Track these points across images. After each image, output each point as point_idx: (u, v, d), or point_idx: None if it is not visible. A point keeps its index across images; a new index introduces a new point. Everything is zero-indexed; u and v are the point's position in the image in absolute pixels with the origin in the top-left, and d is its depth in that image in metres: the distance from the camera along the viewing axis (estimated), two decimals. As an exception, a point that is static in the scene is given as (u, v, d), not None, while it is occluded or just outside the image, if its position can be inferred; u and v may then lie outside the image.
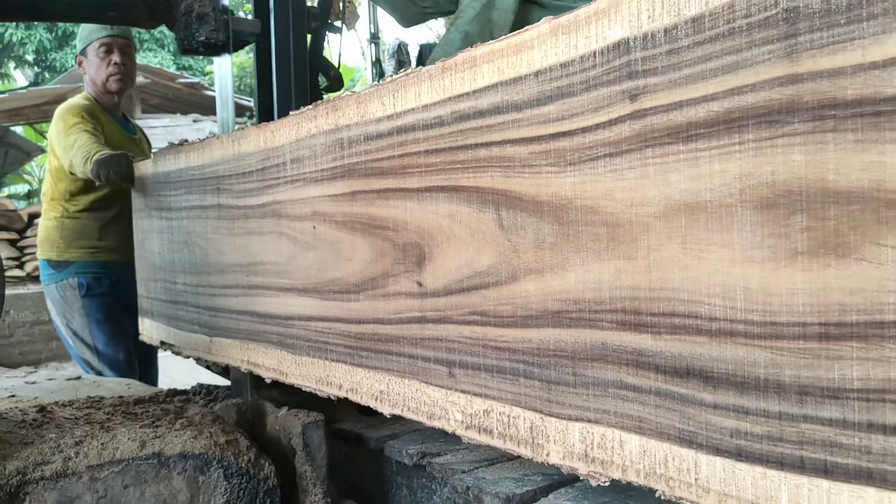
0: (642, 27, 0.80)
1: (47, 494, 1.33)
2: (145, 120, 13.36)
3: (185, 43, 2.12)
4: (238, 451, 1.46)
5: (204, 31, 2.07)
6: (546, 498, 1.34)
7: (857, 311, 0.64)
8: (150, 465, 1.39)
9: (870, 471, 0.65)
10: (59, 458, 1.37)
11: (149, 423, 1.55)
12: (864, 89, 0.63)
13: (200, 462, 1.42)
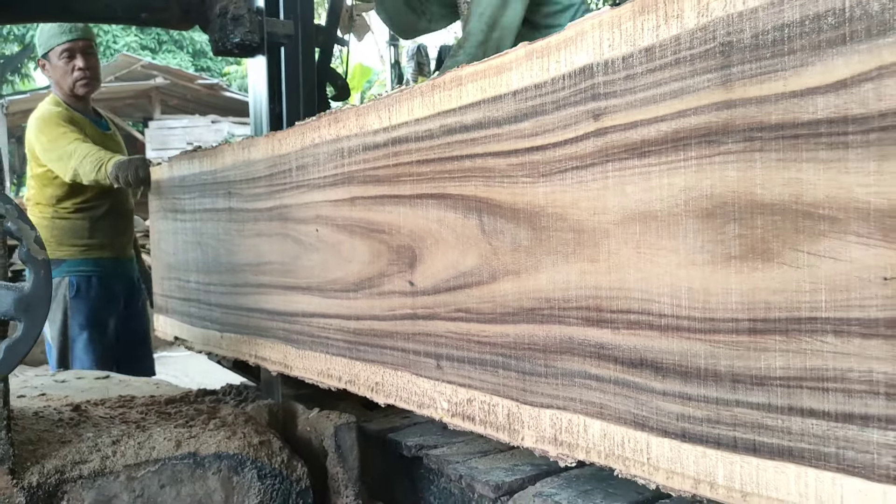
0: (604, 54, 0.89)
1: (85, 493, 1.34)
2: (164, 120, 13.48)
3: (219, 44, 2.12)
4: (271, 452, 1.47)
5: (239, 32, 2.07)
6: (533, 486, 1.43)
7: (780, 308, 0.74)
8: (185, 465, 1.39)
9: (790, 449, 0.74)
10: (96, 457, 1.37)
11: (183, 423, 1.55)
12: (785, 115, 0.72)
13: (235, 462, 1.42)
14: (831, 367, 0.70)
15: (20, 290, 1.15)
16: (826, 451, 0.71)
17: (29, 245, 1.16)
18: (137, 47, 18.56)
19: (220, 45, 2.12)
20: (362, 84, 17.33)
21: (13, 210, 1.15)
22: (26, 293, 1.15)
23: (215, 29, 2.12)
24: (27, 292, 1.15)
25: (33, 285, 1.16)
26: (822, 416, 0.71)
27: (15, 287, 1.15)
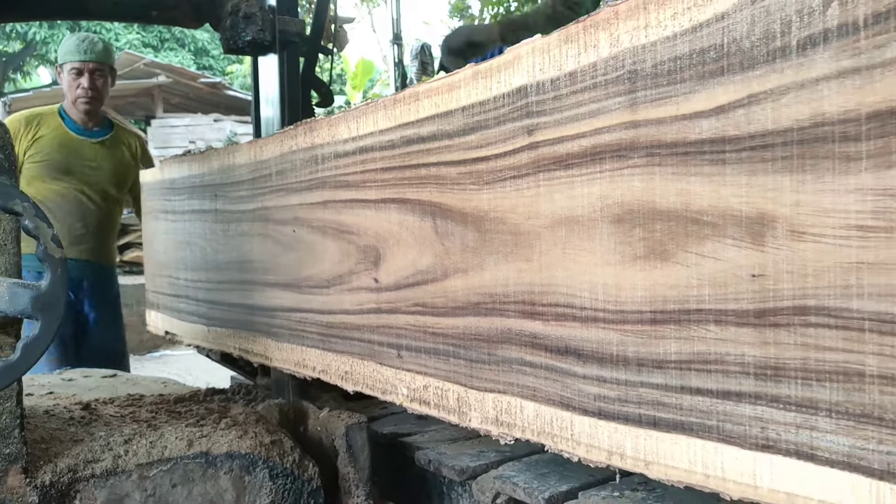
0: (536, 77, 1.01)
1: (97, 492, 1.33)
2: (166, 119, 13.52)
3: (230, 42, 2.11)
4: (283, 452, 1.46)
5: (251, 30, 2.06)
6: (495, 470, 1.54)
7: (674, 301, 0.85)
8: (197, 465, 1.39)
9: (682, 423, 0.85)
10: (108, 456, 1.37)
11: (194, 423, 1.54)
12: (678, 134, 0.83)
13: (246, 462, 1.42)
14: (713, 351, 0.82)
15: (37, 289, 1.13)
16: (710, 424, 0.82)
17: (46, 243, 1.14)
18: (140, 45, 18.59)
19: (232, 44, 2.11)
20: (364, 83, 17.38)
21: (30, 208, 1.13)
22: (43, 291, 1.13)
23: (226, 27, 2.11)
24: (44, 290, 1.13)
25: (50, 283, 1.14)
26: (707, 393, 0.83)
27: (32, 285, 1.14)
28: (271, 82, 2.15)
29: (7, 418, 1.28)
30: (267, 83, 2.17)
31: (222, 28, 2.14)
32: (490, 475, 1.53)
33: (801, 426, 0.74)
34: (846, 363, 0.70)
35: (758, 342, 0.77)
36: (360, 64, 17.34)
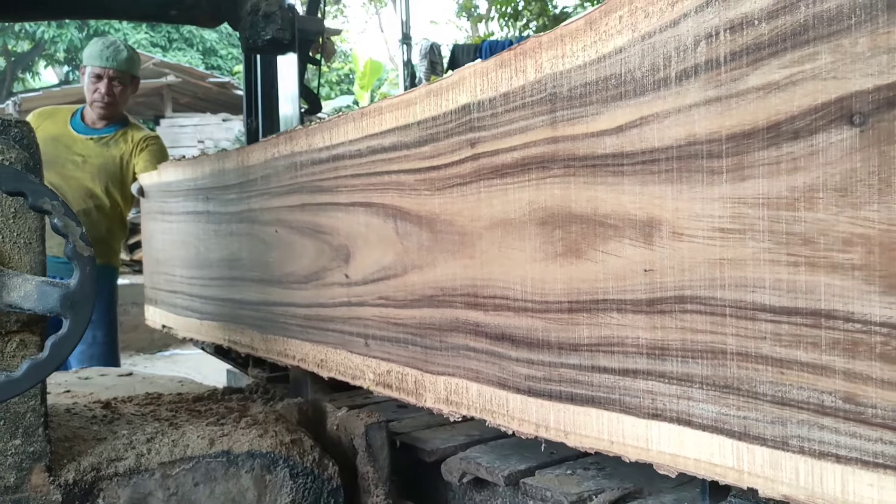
0: (477, 96, 1.14)
1: (121, 491, 1.33)
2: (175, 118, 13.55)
3: (249, 41, 2.15)
4: (303, 451, 1.47)
5: (270, 29, 2.08)
6: (463, 451, 1.68)
7: (586, 293, 0.99)
8: (219, 463, 1.39)
9: (592, 397, 0.99)
10: (131, 454, 1.37)
11: (214, 421, 1.54)
12: (588, 149, 0.97)
13: (267, 461, 1.42)
14: (615, 335, 0.95)
15: (66, 287, 1.13)
16: (613, 398, 0.96)
17: (75, 241, 1.13)
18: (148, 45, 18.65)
19: (251, 43, 2.15)
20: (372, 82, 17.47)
21: (59, 206, 1.12)
22: (72, 290, 1.13)
23: (246, 26, 2.15)
24: (73, 289, 1.13)
25: (79, 282, 1.14)
26: (611, 371, 0.96)
27: (61, 284, 1.14)
28: (290, 80, 2.19)
29: (31, 417, 1.29)
30: (286, 81, 2.21)
31: (242, 27, 2.16)
32: (457, 457, 1.66)
33: (681, 397, 0.88)
34: (713, 343, 0.84)
35: (649, 327, 0.91)
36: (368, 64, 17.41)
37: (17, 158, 1.23)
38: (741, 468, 0.82)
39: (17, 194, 1.10)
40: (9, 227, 1.25)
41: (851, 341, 0.72)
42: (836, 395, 0.73)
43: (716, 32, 0.81)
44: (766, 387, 0.79)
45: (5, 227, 1.25)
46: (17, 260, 1.25)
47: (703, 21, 0.83)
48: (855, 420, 0.72)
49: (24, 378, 1.09)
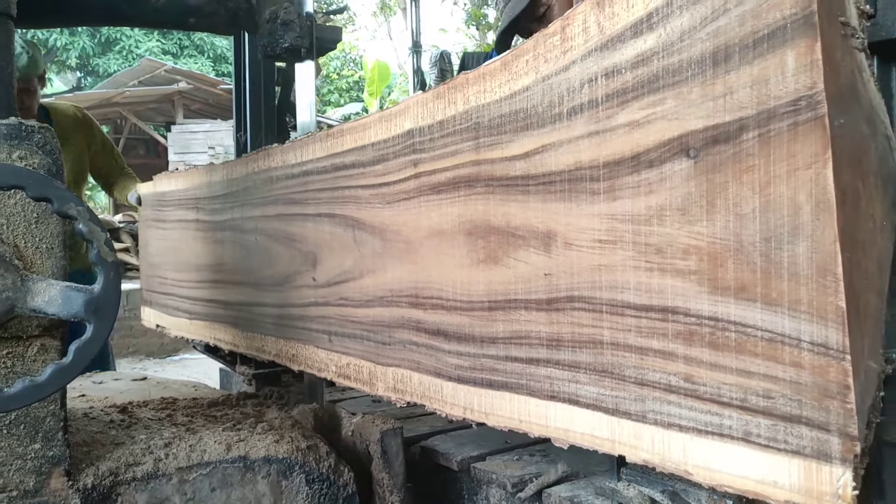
0: (419, 123, 1.32)
1: (138, 496, 1.33)
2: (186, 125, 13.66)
3: (267, 49, 2.14)
4: (318, 457, 1.47)
5: (289, 37, 2.08)
6: (426, 441, 1.84)
7: (501, 294, 1.16)
8: (236, 469, 1.39)
9: (506, 383, 1.16)
10: (149, 459, 1.37)
11: (231, 427, 1.54)
12: (504, 171, 1.14)
13: (284, 467, 1.42)
14: (523, 329, 1.12)
15: (90, 293, 1.13)
16: (521, 383, 1.13)
17: (99, 247, 1.14)
18: (159, 52, 18.80)
19: (269, 50, 2.14)
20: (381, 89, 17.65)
21: (84, 212, 1.13)
22: (96, 295, 1.13)
23: (264, 34, 2.14)
24: (97, 294, 1.13)
25: (103, 287, 1.14)
26: (520, 360, 1.13)
27: (85, 289, 1.14)
28: (307, 88, 2.24)
29: (51, 421, 1.29)
30: (303, 89, 2.25)
31: (259, 35, 2.17)
32: (418, 445, 1.83)
33: (571, 381, 1.04)
34: (593, 335, 1.01)
35: (547, 322, 1.08)
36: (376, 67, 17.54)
37: (40, 164, 1.26)
38: (614, 439, 0.99)
39: (43, 200, 1.11)
40: (31, 232, 1.27)
41: (688, 332, 0.88)
42: (679, 376, 0.90)
43: (595, 78, 0.98)
44: (631, 371, 0.96)
45: (28, 233, 1.27)
46: (40, 265, 1.27)
47: (586, 68, 1.00)
48: (692, 396, 0.89)
49: (47, 382, 1.10)
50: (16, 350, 1.27)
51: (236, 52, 2.70)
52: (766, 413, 0.81)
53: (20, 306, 1.13)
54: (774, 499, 0.81)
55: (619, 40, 0.95)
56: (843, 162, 0.76)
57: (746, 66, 0.81)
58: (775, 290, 0.79)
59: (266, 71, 2.59)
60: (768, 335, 0.80)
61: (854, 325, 0.74)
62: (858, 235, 0.78)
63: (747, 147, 0.81)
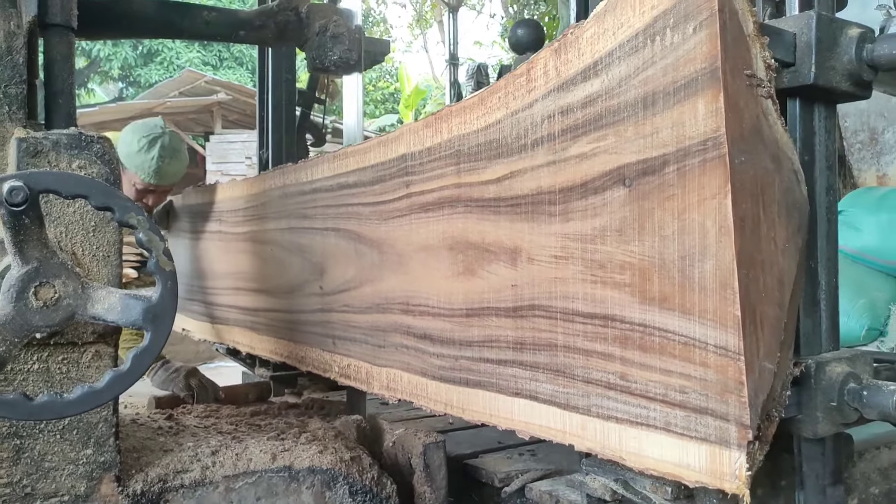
0: (411, 148, 1.47)
1: (186, 503, 1.34)
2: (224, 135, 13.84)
3: (316, 62, 2.18)
4: (362, 469, 1.47)
5: (338, 50, 2.13)
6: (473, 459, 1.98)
7: (477, 302, 1.30)
8: (281, 479, 1.40)
9: (479, 381, 1.30)
10: (197, 466, 1.38)
11: (275, 436, 1.56)
12: (480, 193, 1.29)
13: (328, 477, 1.42)
14: (494, 334, 1.27)
15: (148, 301, 1.14)
16: (492, 382, 1.27)
17: (158, 256, 1.14)
18: (199, 63, 19.06)
19: (318, 63, 2.18)
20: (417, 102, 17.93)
21: (144, 221, 1.14)
22: (154, 303, 1.14)
23: (313, 47, 2.18)
24: (155, 302, 1.14)
25: (161, 296, 1.15)
26: (491, 361, 1.27)
27: (144, 297, 1.15)
28: (355, 99, 2.44)
29: (103, 427, 1.31)
30: (350, 100, 2.47)
31: (308, 47, 2.20)
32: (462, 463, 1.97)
33: (531, 379, 1.19)
34: (550, 339, 1.15)
35: (513, 328, 1.22)
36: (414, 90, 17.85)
37: (99, 173, 1.29)
38: (564, 430, 1.13)
39: (105, 209, 1.12)
40: (89, 240, 1.30)
41: (624, 336, 1.02)
42: (616, 374, 1.04)
43: (553, 114, 1.13)
44: (579, 370, 1.10)
45: (86, 241, 1.30)
46: (97, 272, 1.30)
47: (546, 105, 1.15)
48: (626, 392, 1.02)
49: (105, 389, 1.11)
50: (71, 356, 1.30)
51: (260, 74, 2.89)
52: (681, 406, 0.95)
53: (80, 313, 1.14)
54: (688, 479, 0.95)
55: (572, 83, 1.09)
56: (744, 193, 0.90)
57: (668, 110, 0.95)
58: (689, 300, 0.93)
59: (287, 93, 2.77)
60: (683, 339, 0.94)
61: (749, 332, 0.88)
62: (757, 256, 0.91)
63: (668, 179, 0.95)
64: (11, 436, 1.27)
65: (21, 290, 1.10)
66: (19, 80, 1.30)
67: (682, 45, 0.93)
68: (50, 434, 1.30)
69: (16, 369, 1.27)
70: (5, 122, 1.29)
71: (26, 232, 1.08)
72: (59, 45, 1.46)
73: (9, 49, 1.28)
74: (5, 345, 1.08)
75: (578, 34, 1.09)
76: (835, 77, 1.07)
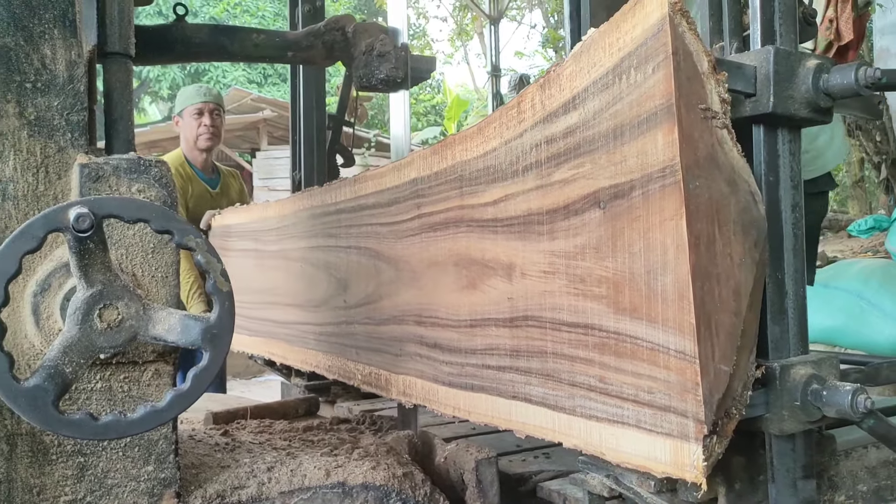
0: (421, 173, 1.61)
1: None
2: (270, 151, 14.19)
3: (363, 80, 2.23)
4: (414, 485, 1.48)
5: (384, 68, 2.16)
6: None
7: (480, 314, 1.43)
8: (335, 495, 1.41)
9: (483, 386, 1.43)
10: (253, 482, 1.40)
11: (328, 452, 1.58)
12: (480, 215, 1.42)
13: (381, 494, 1.43)
14: (494, 343, 1.39)
15: (206, 321, 1.16)
16: (492, 386, 1.39)
17: (216, 277, 1.16)
18: (245, 81, 19.39)
19: (364, 81, 2.23)
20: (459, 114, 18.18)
21: (203, 243, 1.15)
22: (212, 324, 1.16)
23: (360, 66, 2.22)
24: (213, 323, 1.16)
25: (218, 316, 1.17)
26: (492, 367, 1.40)
27: (202, 318, 1.17)
28: (402, 113, 2.43)
29: (163, 444, 1.34)
30: (397, 114, 2.46)
31: (355, 66, 2.25)
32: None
33: (526, 383, 1.31)
34: (541, 346, 1.27)
35: (510, 337, 1.34)
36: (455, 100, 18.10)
37: (157, 196, 1.33)
38: (554, 429, 1.24)
39: (165, 232, 1.14)
40: (148, 261, 1.34)
41: (602, 343, 1.14)
42: (595, 377, 1.15)
43: (539, 143, 1.26)
44: (565, 374, 1.21)
45: (145, 263, 1.33)
46: (156, 293, 1.33)
47: (534, 135, 1.27)
48: (604, 393, 1.14)
49: (167, 408, 1.13)
50: (132, 374, 1.33)
51: (292, 100, 3.07)
52: (650, 405, 1.06)
53: (142, 334, 1.17)
54: (656, 471, 1.06)
55: (555, 115, 1.22)
56: (699, 214, 1.01)
57: (634, 140, 1.07)
58: (654, 310, 1.04)
59: (318, 117, 2.93)
60: (650, 345, 1.05)
61: (704, 337, 0.99)
62: (713, 269, 1.02)
63: (635, 202, 1.07)
64: (75, 453, 1.30)
65: (86, 313, 1.13)
66: (80, 108, 1.34)
67: (644, 84, 1.05)
68: (112, 451, 1.33)
69: (79, 388, 1.30)
70: (68, 148, 1.33)
71: (91, 256, 1.12)
72: (118, 73, 1.49)
73: (70, 78, 1.33)
74: (72, 366, 1.11)
75: (560, 71, 1.21)
76: (793, 105, 1.17)
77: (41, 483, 1.28)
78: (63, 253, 1.25)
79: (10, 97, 1.28)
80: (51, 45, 1.31)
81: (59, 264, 1.27)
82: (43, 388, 1.07)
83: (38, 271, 1.27)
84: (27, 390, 1.06)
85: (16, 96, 1.28)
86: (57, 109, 1.31)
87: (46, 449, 1.29)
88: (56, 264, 1.28)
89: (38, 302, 1.26)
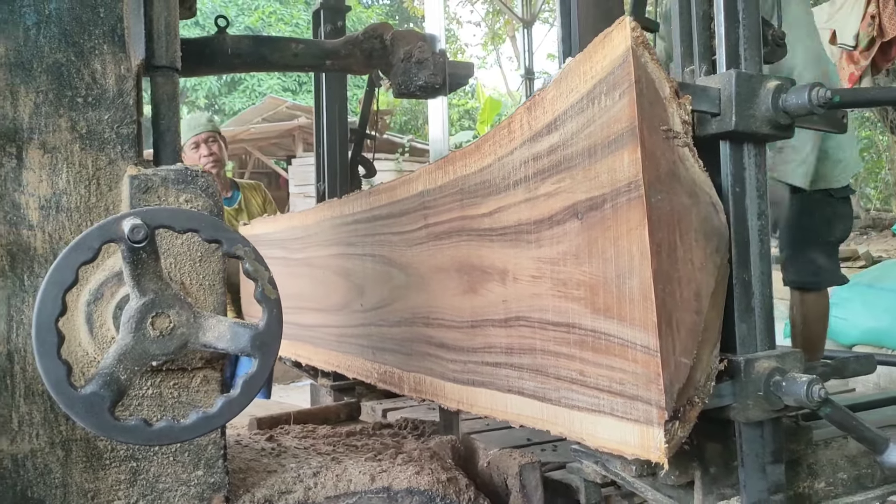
0: (427, 186, 1.75)
1: None
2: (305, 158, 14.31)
3: (401, 87, 2.25)
4: (458, 490, 1.48)
5: (423, 75, 2.18)
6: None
7: (479, 315, 1.56)
8: (380, 500, 1.42)
9: (483, 381, 1.56)
10: (300, 487, 1.42)
11: (372, 457, 1.59)
12: (479, 225, 1.55)
13: (425, 499, 1.44)
14: (492, 342, 1.52)
15: (255, 329, 1.18)
16: (490, 381, 1.53)
17: (263, 285, 1.18)
18: (280, 89, 19.45)
19: (403, 88, 2.25)
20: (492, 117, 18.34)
21: (251, 252, 1.16)
22: (261, 331, 1.18)
23: (398, 73, 2.24)
24: (261, 330, 1.18)
25: (267, 323, 1.18)
26: (490, 364, 1.53)
27: (251, 325, 1.19)
28: (440, 118, 2.58)
29: (213, 449, 1.36)
30: (435, 119, 2.62)
31: (393, 74, 2.28)
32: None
33: (519, 378, 1.44)
34: (531, 344, 1.40)
35: (505, 336, 1.48)
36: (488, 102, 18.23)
37: (204, 206, 1.35)
38: (543, 419, 1.37)
39: (214, 241, 1.16)
40: (196, 270, 1.36)
41: (581, 340, 1.27)
42: (576, 371, 1.28)
43: (527, 160, 1.39)
44: (552, 369, 1.34)
45: (193, 271, 1.35)
46: (203, 301, 1.35)
47: (524, 152, 1.40)
48: (584, 385, 1.27)
49: (218, 414, 1.15)
50: (181, 381, 1.37)
51: (316, 114, 3.23)
52: (621, 395, 1.18)
53: (193, 341, 1.18)
54: (628, 454, 1.18)
55: (540, 135, 1.35)
56: (660, 224, 1.14)
57: (605, 159, 1.20)
58: (624, 310, 1.17)
59: (341, 131, 3.09)
60: (621, 341, 1.18)
61: (665, 333, 1.11)
62: (674, 273, 1.15)
63: (607, 213, 1.20)
64: (128, 458, 1.34)
65: (139, 321, 1.15)
66: (130, 121, 1.36)
67: (612, 108, 1.17)
68: (164, 456, 1.36)
69: (131, 395, 1.33)
70: (118, 160, 1.36)
71: (143, 266, 1.14)
72: (165, 86, 1.50)
73: (120, 91, 1.35)
74: (126, 373, 1.14)
75: (543, 95, 1.34)
76: (755, 123, 1.29)
77: (95, 487, 1.32)
78: (114, 262, 1.29)
79: (63, 112, 1.32)
80: (101, 60, 1.35)
81: (110, 274, 1.31)
82: (99, 395, 1.09)
83: (91, 281, 1.31)
84: (84, 397, 1.08)
85: (68, 111, 1.32)
86: (107, 123, 1.35)
87: (100, 454, 1.33)
88: (108, 274, 1.32)
89: (91, 311, 1.31)
